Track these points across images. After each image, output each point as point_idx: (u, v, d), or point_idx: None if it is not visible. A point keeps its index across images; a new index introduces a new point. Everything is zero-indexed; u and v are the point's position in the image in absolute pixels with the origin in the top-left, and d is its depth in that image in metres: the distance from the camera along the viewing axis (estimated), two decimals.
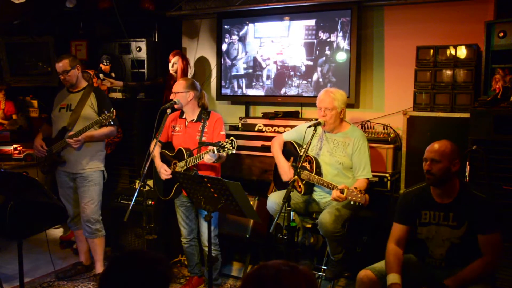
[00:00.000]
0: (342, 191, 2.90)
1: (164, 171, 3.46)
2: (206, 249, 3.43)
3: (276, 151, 3.55)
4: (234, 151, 3.04)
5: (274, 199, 3.34)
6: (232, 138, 3.04)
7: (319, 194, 3.37)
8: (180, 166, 3.40)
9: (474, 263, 2.41)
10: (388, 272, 2.48)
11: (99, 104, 3.71)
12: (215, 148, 3.06)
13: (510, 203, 2.91)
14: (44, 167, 3.82)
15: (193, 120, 3.50)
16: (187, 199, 3.52)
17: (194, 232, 3.64)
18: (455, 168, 2.46)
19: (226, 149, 3.02)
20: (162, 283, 1.39)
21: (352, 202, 2.89)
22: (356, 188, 2.88)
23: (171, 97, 3.47)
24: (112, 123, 3.62)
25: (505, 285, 2.92)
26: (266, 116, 4.28)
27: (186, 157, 3.37)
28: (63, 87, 3.86)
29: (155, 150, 3.46)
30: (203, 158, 3.23)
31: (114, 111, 3.45)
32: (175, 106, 3.46)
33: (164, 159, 3.57)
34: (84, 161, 3.70)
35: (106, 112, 3.45)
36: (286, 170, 3.40)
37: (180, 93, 3.42)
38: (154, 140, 3.48)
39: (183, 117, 3.57)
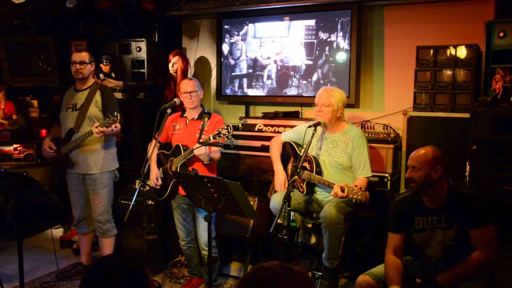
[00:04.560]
0: (342, 189, 2.90)
1: (154, 179, 3.49)
2: (204, 252, 3.45)
3: (275, 157, 3.54)
4: (230, 137, 3.02)
5: (278, 199, 3.33)
6: (228, 124, 3.03)
7: (321, 193, 3.37)
8: (177, 162, 3.39)
9: (468, 258, 2.40)
10: (389, 284, 2.47)
11: (104, 103, 3.68)
12: (211, 135, 3.04)
13: (510, 203, 2.91)
14: (54, 168, 3.81)
15: (194, 118, 3.52)
16: (184, 200, 3.52)
17: (191, 234, 3.64)
18: (437, 175, 2.42)
19: (222, 134, 3.00)
20: (141, 282, 1.39)
21: (353, 200, 2.90)
22: (356, 186, 2.88)
23: (183, 97, 3.48)
24: (120, 124, 3.56)
25: (505, 285, 2.92)
26: (266, 116, 4.27)
27: (182, 152, 3.37)
28: (67, 87, 3.84)
29: (153, 152, 3.46)
30: (193, 152, 3.22)
31: (119, 114, 3.38)
32: (189, 106, 3.48)
33: (161, 159, 3.57)
34: (93, 162, 3.67)
35: (110, 116, 3.40)
36: (281, 183, 3.40)
37: (195, 92, 3.47)
38: (153, 141, 3.48)
39: (184, 115, 3.59)
